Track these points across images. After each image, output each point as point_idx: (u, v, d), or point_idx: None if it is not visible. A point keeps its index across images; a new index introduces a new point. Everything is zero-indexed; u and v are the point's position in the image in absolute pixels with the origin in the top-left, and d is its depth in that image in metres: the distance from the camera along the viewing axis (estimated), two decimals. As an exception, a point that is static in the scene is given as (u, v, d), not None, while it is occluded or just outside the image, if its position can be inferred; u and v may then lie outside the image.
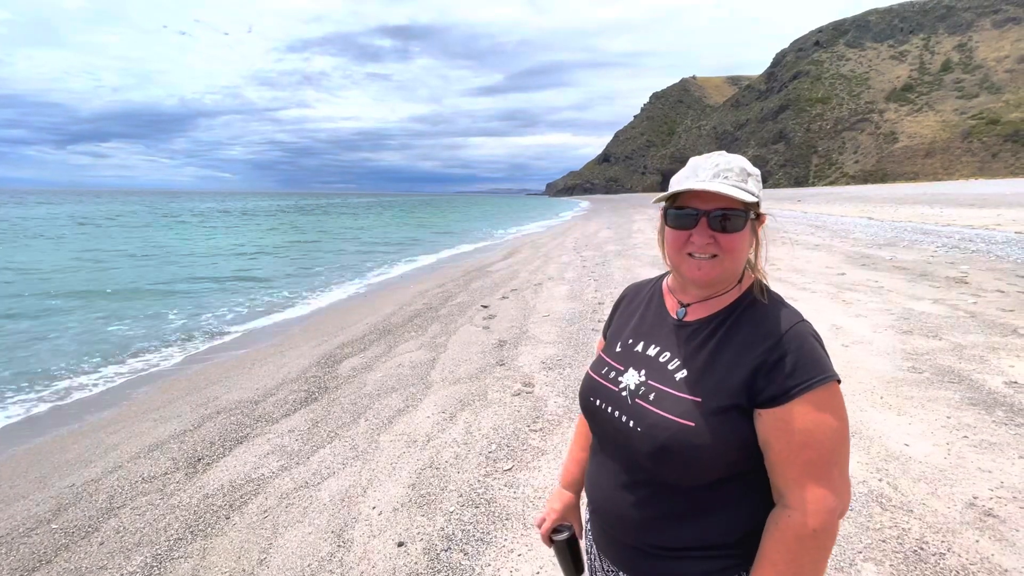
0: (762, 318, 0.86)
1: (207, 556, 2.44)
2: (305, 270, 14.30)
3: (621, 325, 1.06)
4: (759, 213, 0.90)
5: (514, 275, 10.57)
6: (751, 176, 0.87)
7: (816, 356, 0.81)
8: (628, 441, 0.89)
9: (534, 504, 2.54)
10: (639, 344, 0.97)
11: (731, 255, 0.86)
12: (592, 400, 0.98)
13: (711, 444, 0.80)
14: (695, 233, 0.87)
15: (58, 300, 9.91)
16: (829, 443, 0.78)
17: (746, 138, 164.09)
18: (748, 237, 0.88)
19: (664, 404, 0.85)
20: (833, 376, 0.80)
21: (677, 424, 0.82)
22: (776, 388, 0.79)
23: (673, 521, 0.87)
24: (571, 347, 5.11)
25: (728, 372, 0.83)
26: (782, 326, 0.83)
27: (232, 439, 3.82)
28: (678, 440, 0.81)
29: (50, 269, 14.19)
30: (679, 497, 0.86)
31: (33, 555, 2.67)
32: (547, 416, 3.56)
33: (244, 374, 5.71)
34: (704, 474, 0.83)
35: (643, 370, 0.92)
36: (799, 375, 0.79)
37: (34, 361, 6.30)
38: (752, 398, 0.81)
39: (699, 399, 0.83)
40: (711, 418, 0.81)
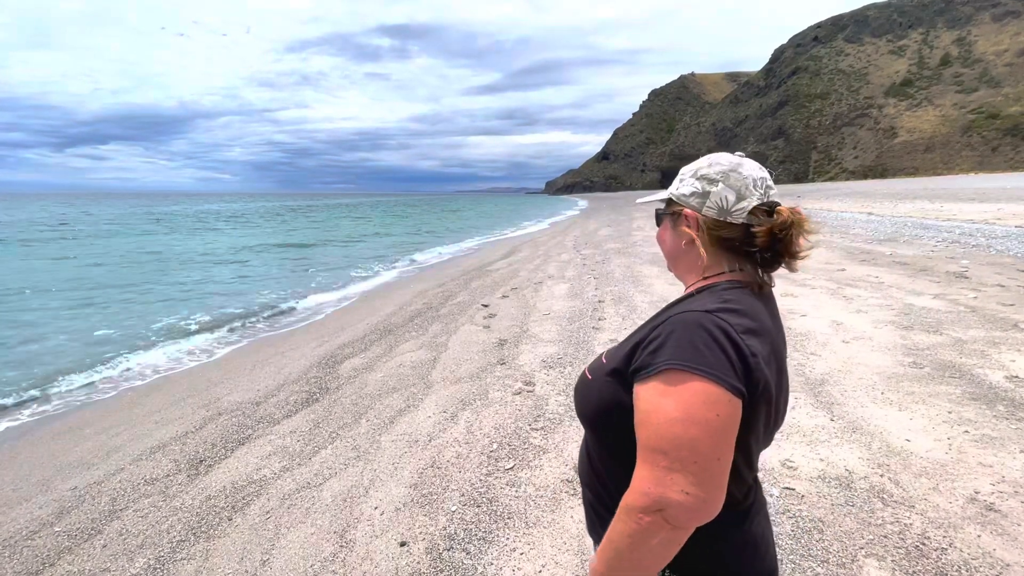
0: (681, 303, 0.90)
1: (210, 557, 2.45)
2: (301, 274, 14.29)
3: None
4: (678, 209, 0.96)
5: (514, 274, 10.57)
6: (679, 176, 0.98)
7: (685, 344, 0.77)
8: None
9: (536, 503, 2.54)
10: None
11: (660, 245, 1.03)
12: None
13: (594, 396, 0.90)
14: None
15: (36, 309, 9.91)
16: (661, 430, 0.75)
17: (745, 134, 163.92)
18: (667, 230, 1.00)
19: (591, 366, 0.97)
20: (691, 368, 0.74)
21: (584, 377, 0.95)
22: (639, 363, 0.82)
23: (597, 479, 0.95)
24: (572, 345, 5.11)
25: (627, 343, 0.90)
26: (679, 310, 0.85)
27: (234, 440, 3.82)
28: (578, 388, 0.96)
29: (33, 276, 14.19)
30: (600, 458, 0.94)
31: (36, 558, 2.67)
32: (548, 415, 3.56)
33: (245, 375, 5.72)
34: (588, 419, 0.93)
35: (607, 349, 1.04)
36: (657, 356, 0.79)
37: (30, 363, 6.31)
38: (627, 369, 0.85)
39: (604, 361, 0.92)
40: (603, 377, 0.90)
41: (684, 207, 0.94)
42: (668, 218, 1.00)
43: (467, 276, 11.18)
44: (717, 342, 0.77)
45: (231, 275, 13.71)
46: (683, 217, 0.95)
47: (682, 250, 0.97)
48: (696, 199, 0.92)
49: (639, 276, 8.80)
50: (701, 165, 0.95)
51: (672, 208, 0.98)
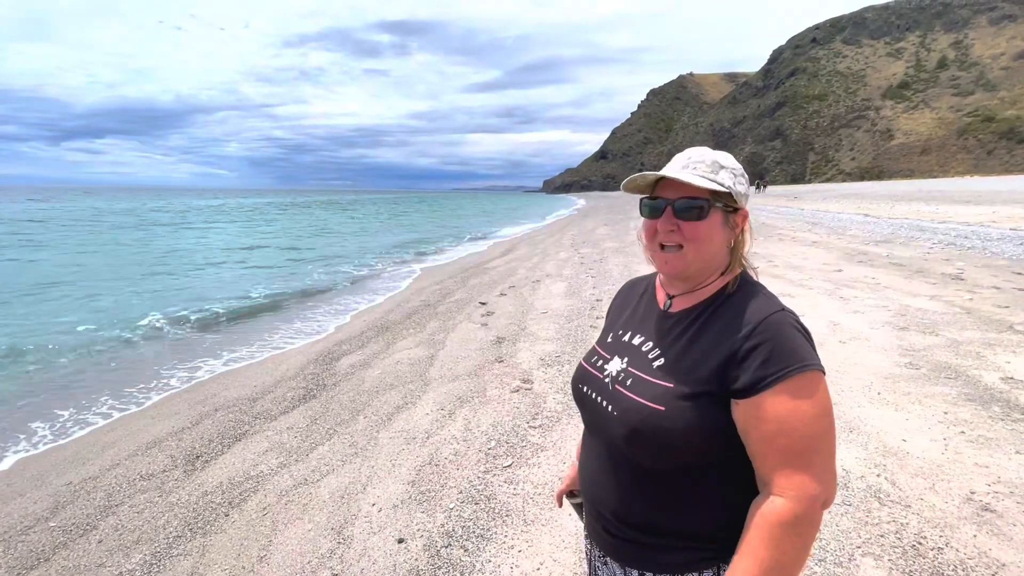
0: (740, 307, 0.87)
1: (207, 553, 2.44)
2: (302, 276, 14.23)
3: (615, 318, 1.10)
4: (736, 207, 0.92)
5: (512, 272, 10.56)
6: (724, 169, 0.90)
7: (792, 346, 0.80)
8: (608, 425, 0.92)
9: (534, 500, 2.54)
10: (627, 335, 1.01)
11: (695, 244, 0.88)
12: (580, 387, 1.02)
13: (680, 429, 0.82)
14: (661, 221, 0.91)
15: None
16: (806, 431, 0.78)
17: (743, 135, 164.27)
18: (718, 228, 0.90)
19: (639, 389, 0.88)
20: (811, 365, 0.80)
21: (648, 408, 0.84)
22: (749, 378, 0.79)
23: (651, 506, 0.88)
24: (570, 344, 5.11)
25: (701, 360, 0.85)
26: (758, 315, 0.84)
27: (230, 436, 3.81)
28: (649, 424, 0.84)
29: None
30: (656, 482, 0.88)
31: (31, 553, 2.65)
32: (546, 413, 3.56)
33: (241, 371, 5.69)
34: (675, 458, 0.85)
35: (626, 358, 0.96)
36: (772, 365, 0.79)
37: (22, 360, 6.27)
38: (725, 387, 0.82)
39: (670, 385, 0.85)
40: (680, 403, 0.83)
41: (740, 206, 0.92)
42: (720, 213, 0.91)
43: (465, 274, 11.17)
44: (805, 336, 0.83)
45: (231, 274, 13.65)
46: (736, 215, 0.93)
47: (724, 250, 0.93)
48: (745, 200, 0.93)
49: (636, 274, 8.80)
50: (736, 167, 0.94)
51: (729, 204, 0.92)
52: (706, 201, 0.88)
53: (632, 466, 0.89)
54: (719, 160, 0.91)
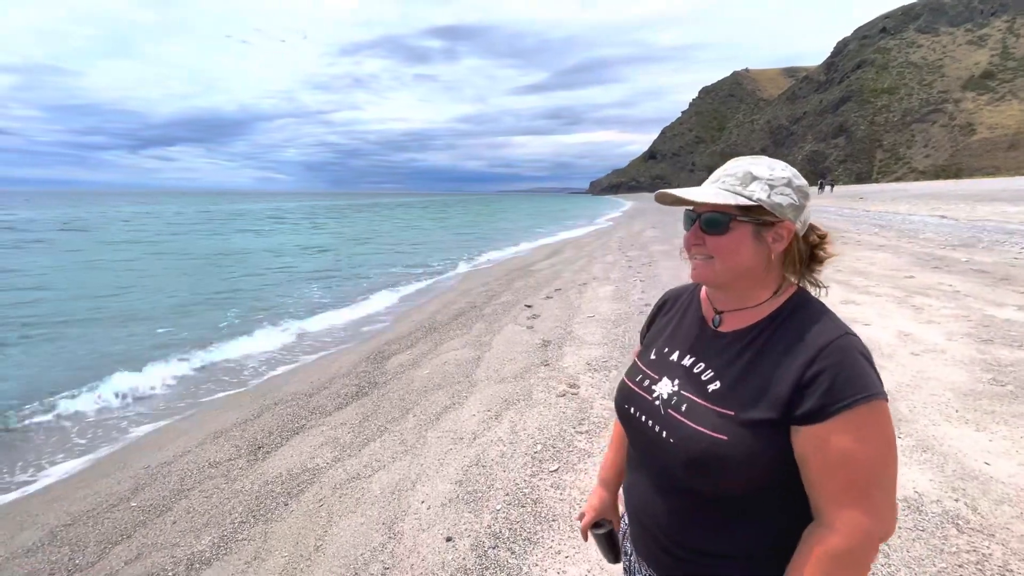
0: (801, 330, 0.83)
1: (268, 540, 2.58)
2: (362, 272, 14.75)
3: (657, 332, 1.07)
4: (771, 220, 0.86)
5: (557, 275, 10.53)
6: (758, 180, 0.86)
7: (858, 372, 0.78)
8: (661, 451, 0.90)
9: (580, 506, 2.52)
10: (674, 352, 0.98)
11: (721, 258, 0.87)
12: (627, 407, 0.99)
13: (743, 458, 0.80)
14: (689, 233, 0.92)
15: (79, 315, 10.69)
16: (869, 464, 0.75)
17: (802, 132, 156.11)
18: (746, 243, 0.86)
19: (696, 416, 0.86)
20: (877, 394, 0.77)
21: (709, 437, 0.82)
22: (813, 405, 0.77)
23: (707, 529, 0.87)
24: (617, 349, 5.04)
25: (762, 386, 0.82)
26: (822, 339, 0.80)
27: (289, 429, 4.01)
28: (710, 453, 0.82)
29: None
30: (713, 506, 0.86)
31: (115, 529, 2.90)
32: (593, 418, 3.53)
33: (299, 367, 5.98)
34: (735, 486, 0.83)
35: (676, 379, 0.93)
36: (838, 393, 0.76)
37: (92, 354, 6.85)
38: (787, 413, 0.79)
39: (731, 412, 0.82)
40: (743, 432, 0.81)
41: (781, 219, 0.86)
42: (750, 227, 0.86)
43: (510, 276, 11.24)
44: (869, 362, 0.80)
45: (281, 277, 14.37)
46: (775, 229, 0.87)
47: (761, 264, 0.88)
48: (793, 212, 0.87)
49: (686, 279, 8.56)
50: (789, 175, 0.88)
51: (759, 217, 0.86)
52: (726, 216, 0.86)
53: (688, 492, 0.88)
54: (752, 171, 0.87)
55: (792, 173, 0.88)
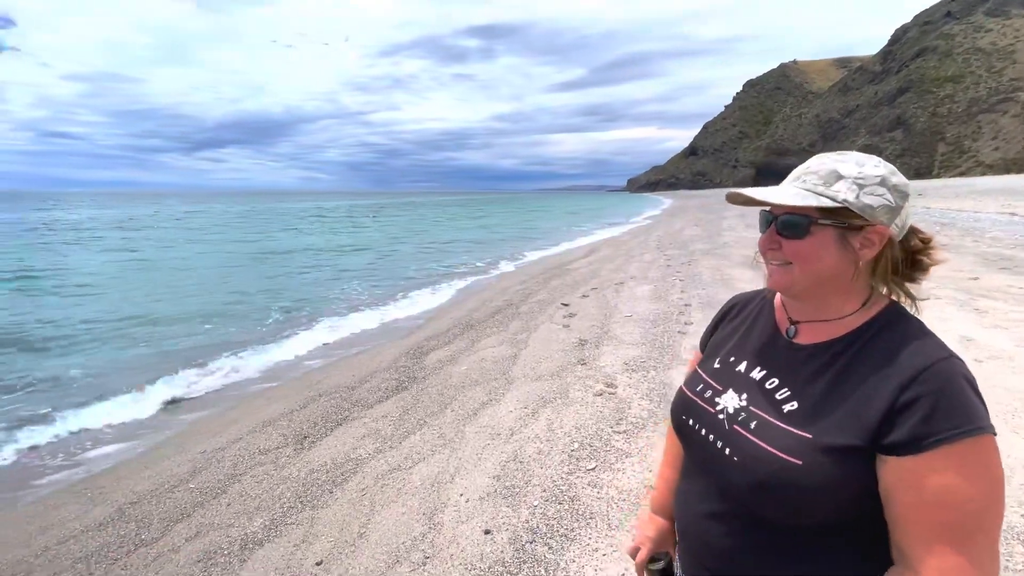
0: (895, 350, 0.74)
1: (315, 525, 2.70)
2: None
3: (722, 339, 0.99)
4: (859, 223, 0.77)
5: (594, 273, 10.44)
6: (844, 179, 0.77)
7: (963, 401, 0.68)
8: (722, 469, 0.82)
9: (618, 505, 2.52)
10: (741, 363, 0.90)
11: (799, 263, 0.79)
12: (685, 419, 0.92)
13: (819, 486, 0.72)
14: (764, 236, 0.84)
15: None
16: (972, 506, 0.65)
17: (855, 126, 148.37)
18: (828, 248, 0.78)
19: (767, 435, 0.77)
20: (985, 428, 0.67)
21: (781, 460, 0.74)
22: (907, 434, 0.68)
23: (765, 558, 0.79)
24: (656, 349, 4.96)
25: (848, 408, 0.73)
26: (920, 361, 0.71)
27: (333, 421, 4.16)
28: (780, 478, 0.74)
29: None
30: (775, 535, 0.78)
31: (176, 508, 3.10)
32: (631, 419, 3.50)
33: (341, 361, 6.19)
34: (808, 516, 0.74)
35: (744, 393, 0.85)
36: (939, 423, 0.67)
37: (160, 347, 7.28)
38: (875, 441, 0.70)
39: (809, 436, 0.74)
40: (821, 457, 0.72)
41: (871, 222, 0.77)
42: (833, 231, 0.78)
43: (547, 274, 11.23)
44: (976, 391, 0.71)
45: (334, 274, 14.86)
46: (864, 233, 0.78)
47: (846, 272, 0.79)
48: (887, 214, 0.77)
49: (730, 279, 8.33)
50: (883, 172, 0.79)
51: (845, 220, 0.78)
52: (805, 218, 0.78)
53: (747, 515, 0.80)
54: (839, 169, 0.78)
55: (888, 170, 0.79)
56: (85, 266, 15.36)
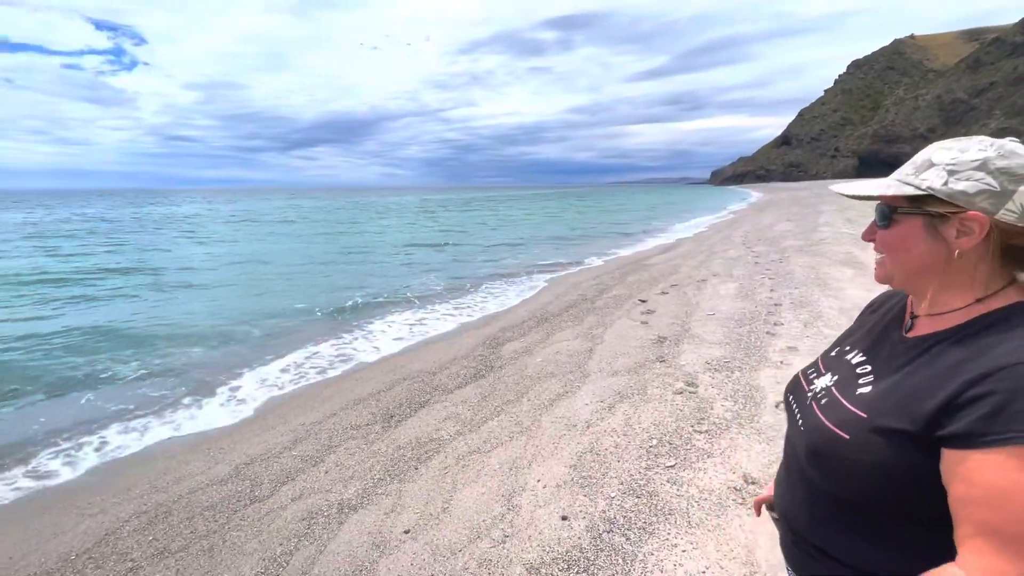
0: (986, 347, 0.71)
1: (402, 497, 2.90)
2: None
3: (852, 330, 1.03)
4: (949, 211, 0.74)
5: (674, 270, 10.09)
6: (936, 166, 0.76)
7: None
8: (796, 438, 0.90)
9: (699, 505, 2.47)
10: (853, 352, 0.93)
11: (887, 253, 0.82)
12: (788, 397, 1.00)
13: (864, 462, 0.75)
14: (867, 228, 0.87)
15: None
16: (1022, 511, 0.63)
17: (988, 107, 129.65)
18: (915, 238, 0.77)
19: (830, 411, 0.83)
20: None
21: (831, 433, 0.80)
22: (965, 427, 0.66)
23: (823, 527, 0.85)
24: (741, 350, 4.73)
25: (910, 395, 0.73)
26: (1005, 360, 0.67)
27: (416, 403, 4.41)
28: (828, 448, 0.80)
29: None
30: (830, 506, 0.83)
31: (282, 472, 3.46)
32: (713, 419, 3.38)
33: (421, 348, 6.52)
34: (853, 489, 0.78)
35: (836, 376, 0.90)
36: (999, 422, 0.64)
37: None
38: (929, 428, 0.69)
39: (864, 415, 0.77)
40: (869, 436, 0.75)
41: (966, 208, 0.74)
42: (920, 219, 0.77)
43: (622, 270, 11.02)
44: None
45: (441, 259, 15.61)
46: (957, 221, 0.76)
47: (944, 262, 0.77)
48: (989, 200, 0.73)
49: (826, 278, 7.70)
50: (986, 155, 0.74)
51: (932, 208, 0.76)
52: (889, 207, 0.80)
53: (810, 483, 0.86)
54: (933, 157, 0.77)
55: (996, 152, 0.74)
56: (195, 259, 17.28)
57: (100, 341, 7.35)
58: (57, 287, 11.49)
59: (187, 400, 5.16)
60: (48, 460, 4.04)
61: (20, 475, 3.83)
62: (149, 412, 4.92)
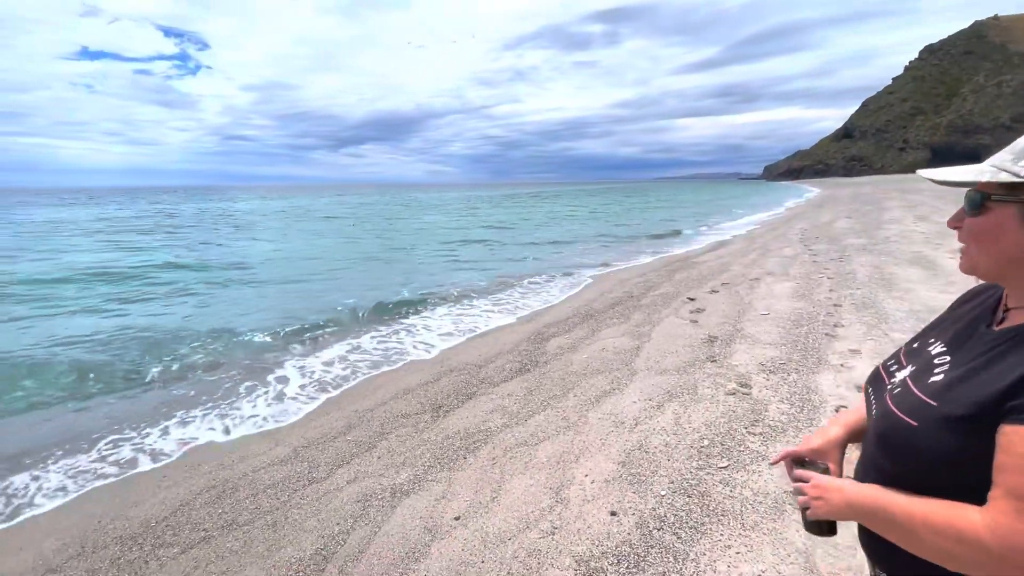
0: None
1: (452, 484, 2.98)
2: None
3: (938, 321, 1.00)
4: None
5: (724, 268, 9.77)
6: None
7: None
8: (872, 427, 0.91)
9: (754, 507, 2.40)
10: (936, 344, 0.90)
11: (974, 242, 0.80)
12: (868, 389, 0.99)
13: (930, 449, 0.75)
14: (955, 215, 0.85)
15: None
16: None
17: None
18: (1007, 227, 0.75)
19: (902, 400, 0.83)
20: None
21: (900, 420, 0.80)
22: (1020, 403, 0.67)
23: None
24: (798, 351, 4.54)
25: (982, 383, 0.73)
26: None
27: (463, 394, 4.50)
28: (897, 435, 0.80)
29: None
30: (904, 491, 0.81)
31: (338, 455, 3.62)
32: (768, 421, 3.27)
33: (467, 342, 6.62)
34: (923, 476, 0.77)
35: (914, 367, 0.88)
36: None
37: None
38: (996, 410, 0.70)
39: (935, 404, 0.77)
40: (938, 424, 0.75)
41: None
42: (1013, 208, 0.75)
43: (669, 268, 10.77)
44: None
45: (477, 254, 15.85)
46: None
47: (995, 247, 0.77)
48: None
49: (892, 279, 7.25)
50: None
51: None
52: (980, 194, 0.78)
53: (881, 469, 0.86)
54: None
55: None
56: (250, 254, 18.19)
57: (165, 335, 7.89)
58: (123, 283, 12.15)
59: (244, 387, 5.47)
60: (127, 440, 4.40)
61: (103, 454, 4.19)
62: (211, 399, 5.25)
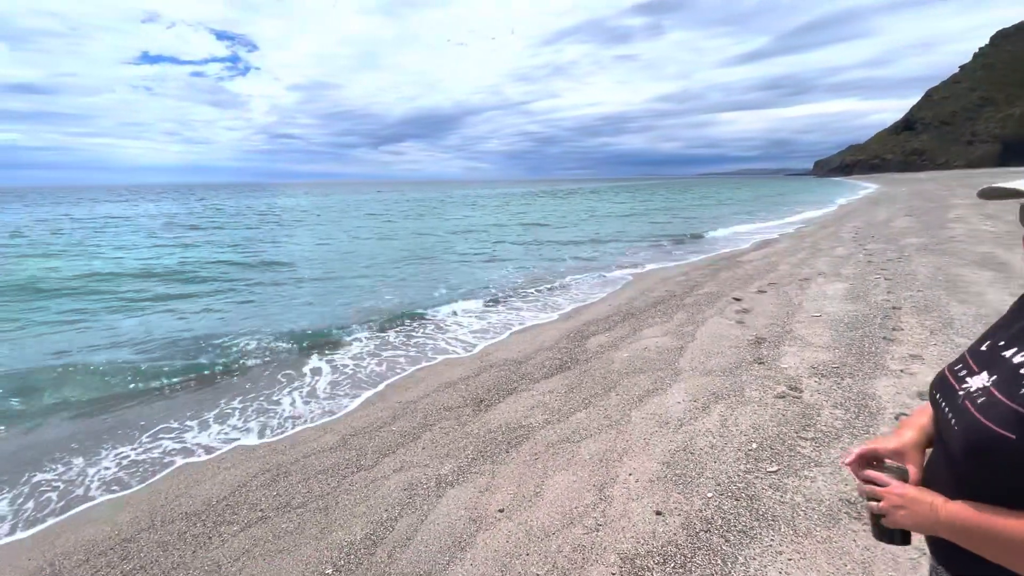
0: None
1: (495, 477, 3.03)
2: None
3: (1003, 323, 0.95)
4: None
5: (771, 267, 9.43)
6: None
7: None
8: (949, 439, 0.87)
9: (806, 514, 2.33)
10: (1010, 348, 0.87)
11: None
12: (935, 394, 0.96)
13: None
14: None
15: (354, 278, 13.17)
16: None
17: None
18: None
19: (989, 410, 0.79)
20: None
21: (993, 433, 0.76)
22: None
23: None
24: (852, 355, 4.35)
25: None
26: None
27: (504, 389, 4.55)
28: (991, 449, 0.77)
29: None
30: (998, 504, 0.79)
31: (384, 445, 3.74)
32: (820, 426, 3.16)
33: (508, 338, 6.67)
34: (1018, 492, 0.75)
35: (995, 375, 0.85)
36: None
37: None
38: None
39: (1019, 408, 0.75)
40: None
41: None
42: None
43: (714, 267, 10.48)
44: None
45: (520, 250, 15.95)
46: None
47: None
48: None
49: (957, 280, 6.81)
50: None
51: None
52: None
53: (967, 481, 0.83)
54: None
55: None
56: (295, 251, 18.90)
57: (215, 332, 8.33)
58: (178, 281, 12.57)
59: (286, 378, 5.72)
60: (187, 428, 4.68)
61: (168, 439, 4.48)
62: (258, 392, 5.52)
